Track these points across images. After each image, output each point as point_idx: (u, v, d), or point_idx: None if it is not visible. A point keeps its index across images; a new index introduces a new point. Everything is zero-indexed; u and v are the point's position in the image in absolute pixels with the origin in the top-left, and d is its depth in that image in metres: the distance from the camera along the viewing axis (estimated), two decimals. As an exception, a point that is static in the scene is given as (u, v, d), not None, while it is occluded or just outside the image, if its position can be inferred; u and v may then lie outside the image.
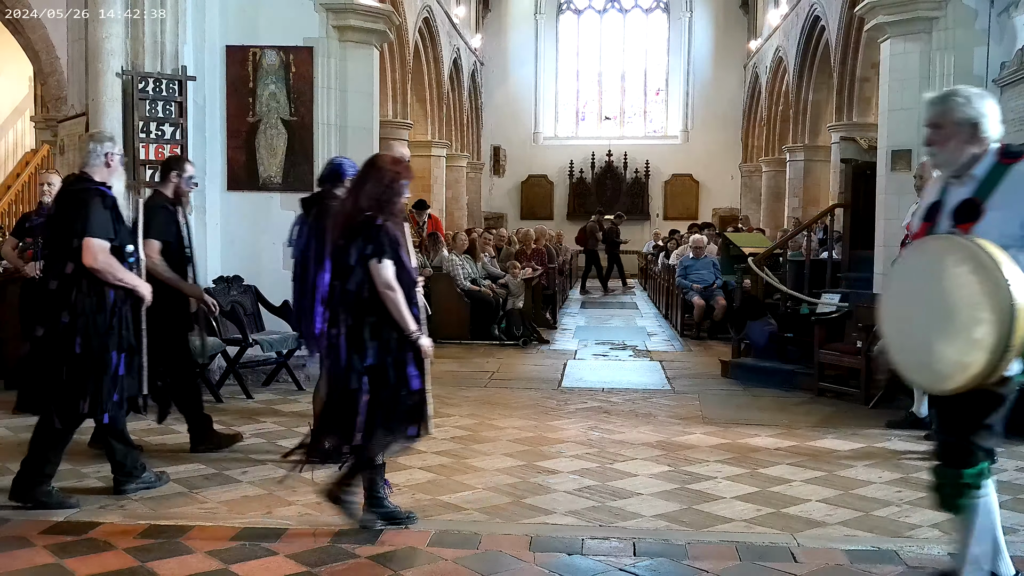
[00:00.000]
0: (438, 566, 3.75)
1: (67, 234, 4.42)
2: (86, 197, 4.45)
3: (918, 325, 3.17)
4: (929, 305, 3.13)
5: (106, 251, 4.42)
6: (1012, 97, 7.47)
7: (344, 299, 4.07)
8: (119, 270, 4.48)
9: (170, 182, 5.66)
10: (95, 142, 4.67)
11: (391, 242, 4.03)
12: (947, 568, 3.52)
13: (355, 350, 4.02)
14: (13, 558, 3.77)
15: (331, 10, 8.32)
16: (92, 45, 7.17)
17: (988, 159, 3.20)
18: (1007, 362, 2.96)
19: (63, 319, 4.38)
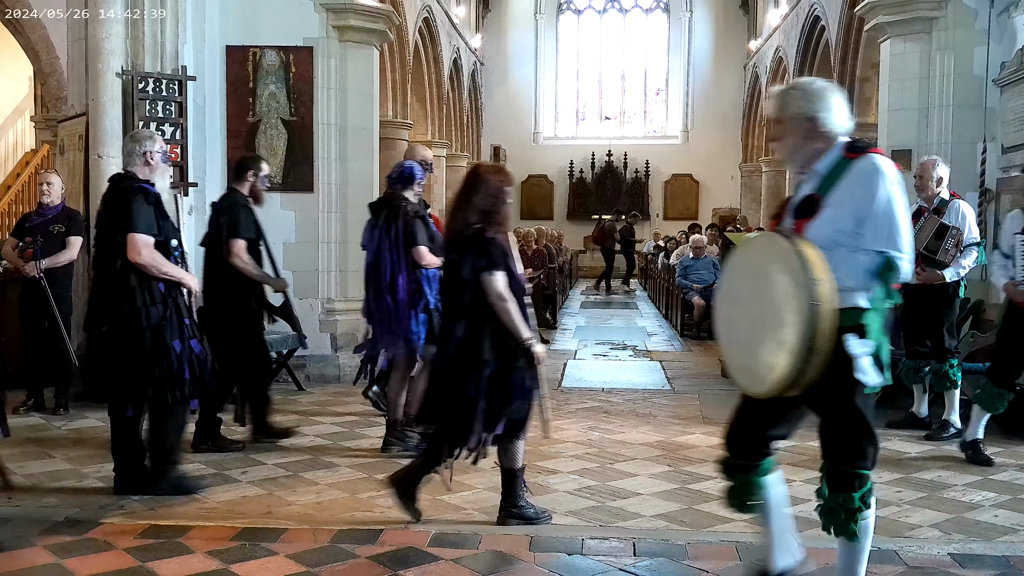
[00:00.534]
0: (438, 566, 3.75)
1: (114, 231, 4.58)
2: (129, 195, 4.61)
3: (743, 324, 3.09)
4: (751, 304, 3.04)
5: (150, 246, 4.55)
6: (1012, 97, 7.47)
7: (460, 310, 4.15)
8: (163, 264, 4.61)
9: (246, 181, 5.83)
10: (133, 142, 4.83)
11: (502, 254, 4.14)
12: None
13: (473, 359, 4.09)
14: (13, 558, 3.77)
15: (331, 10, 8.32)
16: (92, 45, 7.17)
17: (833, 154, 3.08)
18: (813, 365, 2.82)
19: (123, 312, 4.55)
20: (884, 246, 2.94)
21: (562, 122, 27.80)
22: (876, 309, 2.94)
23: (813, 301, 2.76)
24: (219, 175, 8.06)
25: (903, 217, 2.97)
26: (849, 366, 2.89)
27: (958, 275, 6.13)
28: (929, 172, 6.23)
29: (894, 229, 2.94)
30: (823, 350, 2.80)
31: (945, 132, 7.87)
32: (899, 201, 2.97)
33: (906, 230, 2.97)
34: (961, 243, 6.06)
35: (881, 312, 2.96)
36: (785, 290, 2.84)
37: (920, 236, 6.14)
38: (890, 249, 2.93)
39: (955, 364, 6.19)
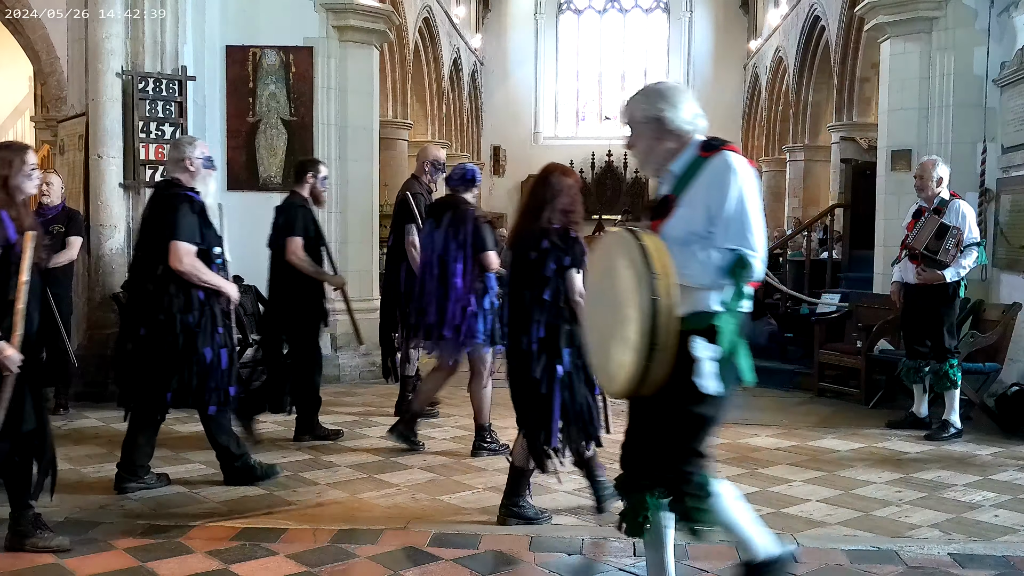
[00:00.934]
0: (438, 566, 3.75)
1: (157, 238, 4.64)
2: (175, 203, 4.66)
3: (598, 323, 3.02)
4: (604, 302, 2.96)
5: (191, 254, 4.60)
6: (1012, 97, 7.47)
7: (537, 308, 4.19)
8: (204, 272, 4.66)
9: (306, 183, 5.96)
10: (174, 149, 4.89)
11: (582, 252, 4.22)
12: None
13: (551, 356, 4.14)
14: (13, 558, 3.77)
15: (331, 10, 8.32)
16: (92, 45, 7.17)
17: (687, 154, 3.00)
18: (659, 363, 2.72)
19: (160, 317, 4.61)
20: (735, 243, 2.83)
21: (562, 122, 27.78)
22: (730, 311, 2.85)
23: (653, 295, 2.67)
24: (219, 175, 8.05)
25: (756, 215, 2.88)
26: (692, 369, 2.79)
27: (958, 275, 6.13)
28: (929, 172, 6.23)
29: (746, 226, 2.84)
30: (666, 346, 2.71)
31: (945, 132, 7.86)
32: (752, 198, 2.89)
33: (759, 228, 2.87)
34: (961, 243, 6.07)
35: (735, 315, 2.86)
36: (628, 285, 2.76)
37: (920, 236, 6.15)
38: (742, 246, 2.83)
39: (955, 364, 6.18)
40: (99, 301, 7.20)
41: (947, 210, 6.15)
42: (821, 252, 11.23)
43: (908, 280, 6.34)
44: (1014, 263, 7.30)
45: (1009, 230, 7.40)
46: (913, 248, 6.19)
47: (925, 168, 6.29)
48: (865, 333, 7.41)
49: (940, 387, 6.24)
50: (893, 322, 7.16)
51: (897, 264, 6.56)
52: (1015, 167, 7.39)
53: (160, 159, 7.33)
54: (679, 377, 2.79)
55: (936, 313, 6.19)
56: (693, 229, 2.87)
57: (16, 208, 3.84)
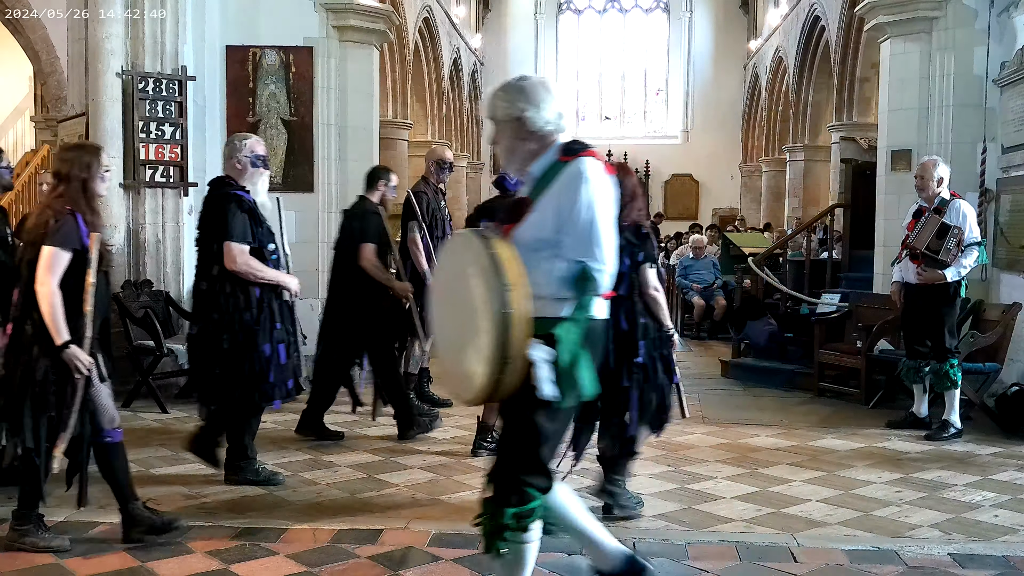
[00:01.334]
0: (438, 566, 3.75)
1: (211, 238, 4.73)
2: (224, 203, 4.73)
3: (450, 328, 2.96)
4: (455, 307, 2.88)
5: (245, 253, 4.66)
6: (1012, 97, 7.47)
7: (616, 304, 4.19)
8: (260, 269, 4.70)
9: (377, 190, 6.16)
10: (227, 145, 5.00)
11: (654, 247, 4.42)
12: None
13: (627, 350, 4.19)
14: (13, 558, 3.77)
15: (331, 10, 8.32)
16: (92, 45, 7.17)
17: (548, 156, 2.89)
18: (511, 374, 2.67)
19: (213, 317, 4.70)
20: (581, 255, 2.75)
21: (562, 122, 27.77)
22: (575, 320, 2.76)
23: (504, 308, 2.62)
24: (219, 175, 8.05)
25: (605, 226, 2.78)
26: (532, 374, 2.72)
27: (959, 275, 6.12)
28: (929, 172, 6.23)
29: (593, 238, 2.75)
30: (517, 359, 2.66)
31: (945, 132, 7.86)
32: (601, 209, 2.78)
33: (607, 241, 2.78)
34: (963, 243, 6.06)
35: (580, 324, 2.76)
36: (480, 295, 2.69)
37: (922, 236, 6.14)
38: (587, 259, 2.74)
39: (955, 364, 6.18)
40: (99, 301, 7.19)
41: (948, 210, 6.14)
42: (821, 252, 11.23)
43: (909, 280, 6.32)
44: (1014, 263, 7.30)
45: (1009, 230, 7.40)
46: (914, 248, 6.18)
47: (926, 168, 6.29)
48: (865, 333, 7.41)
49: (940, 387, 6.23)
50: (893, 322, 7.15)
51: (897, 264, 6.56)
52: (1015, 167, 7.39)
53: (160, 159, 7.34)
54: (524, 382, 2.73)
55: (937, 313, 6.18)
56: (542, 236, 2.78)
57: (92, 212, 3.85)
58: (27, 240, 3.88)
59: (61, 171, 3.87)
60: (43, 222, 3.78)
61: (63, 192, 3.82)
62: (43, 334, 3.72)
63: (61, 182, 3.85)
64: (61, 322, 3.70)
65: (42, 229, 3.76)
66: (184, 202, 7.50)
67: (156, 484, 4.89)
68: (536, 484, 2.86)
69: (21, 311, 3.81)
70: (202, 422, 5.03)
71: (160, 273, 7.40)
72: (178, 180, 7.44)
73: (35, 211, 3.97)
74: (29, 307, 3.76)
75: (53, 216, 3.76)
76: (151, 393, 6.79)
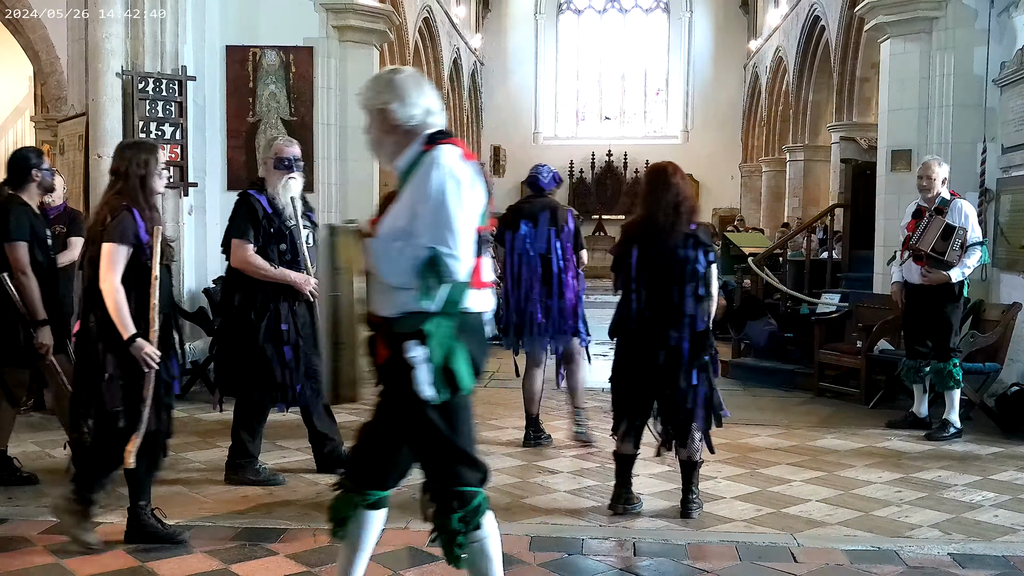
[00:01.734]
0: (438, 566, 3.75)
1: (226, 236, 4.87)
2: (237, 202, 4.88)
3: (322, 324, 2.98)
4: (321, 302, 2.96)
5: (243, 248, 4.73)
6: (1012, 97, 7.47)
7: (692, 302, 4.33)
8: (263, 267, 4.75)
9: None
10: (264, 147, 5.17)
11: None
12: None
13: (698, 349, 4.32)
14: (13, 558, 3.77)
15: (331, 10, 8.32)
16: (92, 45, 7.17)
17: (413, 148, 2.83)
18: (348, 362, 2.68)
19: (231, 312, 4.84)
20: (432, 241, 2.67)
21: (562, 122, 27.79)
22: (446, 315, 2.71)
23: (332, 291, 2.66)
24: (219, 175, 8.06)
25: (458, 213, 2.70)
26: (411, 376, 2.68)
27: (963, 275, 6.12)
28: (934, 172, 6.21)
29: (444, 224, 2.68)
30: (351, 344, 2.66)
31: (945, 132, 7.86)
32: (454, 196, 2.69)
33: (461, 228, 2.69)
34: (966, 243, 6.06)
35: (452, 318, 2.72)
36: (322, 281, 2.78)
37: (926, 237, 6.10)
38: (438, 245, 2.66)
39: (957, 363, 6.17)
40: (99, 301, 7.19)
41: (949, 210, 6.14)
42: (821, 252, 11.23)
43: (912, 281, 6.31)
44: (1014, 263, 7.30)
45: (1009, 230, 7.40)
46: (919, 249, 6.15)
47: (930, 167, 6.26)
48: (865, 333, 7.41)
49: (942, 386, 6.23)
50: (893, 322, 7.15)
51: (895, 264, 6.56)
52: (1015, 167, 7.39)
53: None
54: (403, 384, 2.69)
55: (941, 313, 6.17)
56: (399, 224, 2.73)
57: (150, 207, 3.89)
58: (87, 237, 3.93)
59: (120, 168, 3.89)
60: (101, 219, 3.82)
61: (121, 189, 3.86)
62: (108, 329, 3.75)
63: (119, 179, 3.89)
64: (127, 316, 3.73)
65: (100, 226, 3.80)
66: (184, 202, 7.50)
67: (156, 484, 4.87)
68: (468, 480, 2.84)
69: (85, 307, 3.87)
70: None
71: (160, 273, 7.39)
72: (178, 180, 7.44)
73: (94, 209, 4.02)
74: (93, 303, 3.81)
75: (110, 213, 3.80)
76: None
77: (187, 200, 7.51)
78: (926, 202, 6.28)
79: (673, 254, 4.33)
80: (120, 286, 3.74)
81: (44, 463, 5.35)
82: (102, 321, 3.77)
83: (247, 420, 4.92)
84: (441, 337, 2.69)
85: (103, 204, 3.89)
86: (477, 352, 2.79)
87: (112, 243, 3.75)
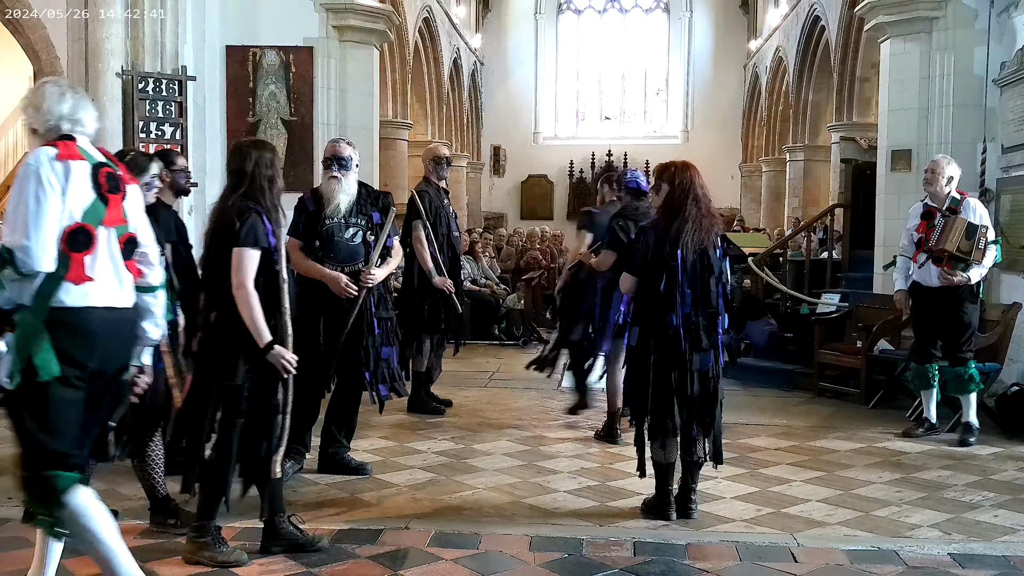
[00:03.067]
0: (438, 566, 3.75)
1: None
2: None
3: None
4: None
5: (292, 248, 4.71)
6: (1012, 97, 7.47)
7: (724, 302, 4.41)
8: (301, 264, 4.83)
9: None
10: None
11: None
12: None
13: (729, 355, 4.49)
14: (13, 558, 3.77)
15: (331, 10, 8.33)
16: (92, 45, 7.17)
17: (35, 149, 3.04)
18: None
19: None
20: (10, 234, 2.88)
21: (562, 122, 27.77)
22: (36, 307, 2.90)
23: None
24: (219, 175, 8.05)
25: (33, 208, 2.89)
26: None
27: (981, 275, 6.02)
28: (940, 171, 6.06)
29: (19, 218, 2.89)
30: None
31: (945, 132, 7.86)
32: (31, 192, 2.90)
33: (35, 222, 2.87)
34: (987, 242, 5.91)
35: (38, 310, 2.90)
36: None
37: (948, 237, 5.91)
38: (11, 237, 2.87)
39: (973, 365, 6.02)
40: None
41: (962, 209, 5.97)
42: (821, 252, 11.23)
43: (928, 283, 6.06)
44: (1014, 263, 7.29)
45: (1009, 230, 7.40)
46: (942, 251, 5.92)
47: (938, 163, 6.09)
48: (865, 333, 7.41)
49: (961, 390, 6.04)
50: (893, 322, 7.15)
51: (897, 271, 6.40)
52: (1015, 167, 7.39)
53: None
54: None
55: (960, 314, 5.99)
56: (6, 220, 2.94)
57: (276, 209, 3.79)
58: (209, 241, 3.76)
59: (244, 168, 3.75)
60: (227, 222, 3.67)
61: (247, 190, 3.73)
62: (240, 337, 3.62)
63: (243, 179, 3.74)
64: (262, 323, 3.62)
65: (229, 230, 3.65)
66: (184, 202, 7.49)
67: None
68: (40, 465, 2.99)
69: (208, 313, 3.71)
70: None
71: (160, 273, 7.39)
72: (178, 180, 7.43)
73: (214, 210, 3.81)
74: (223, 309, 3.65)
75: (237, 216, 3.66)
76: None
77: (187, 200, 7.50)
78: (935, 202, 6.10)
79: (712, 256, 4.36)
80: (255, 292, 3.61)
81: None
82: (234, 328, 3.62)
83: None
84: (24, 328, 2.88)
85: (229, 206, 3.72)
86: (73, 345, 2.94)
87: (245, 248, 3.61)
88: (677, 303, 4.31)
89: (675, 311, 4.31)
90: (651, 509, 4.45)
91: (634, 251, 4.54)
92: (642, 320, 4.42)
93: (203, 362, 3.72)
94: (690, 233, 4.32)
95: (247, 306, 3.60)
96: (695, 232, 4.33)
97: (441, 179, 6.93)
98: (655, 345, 4.36)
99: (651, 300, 4.36)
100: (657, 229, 4.42)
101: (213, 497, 3.74)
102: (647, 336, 4.38)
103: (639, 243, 4.51)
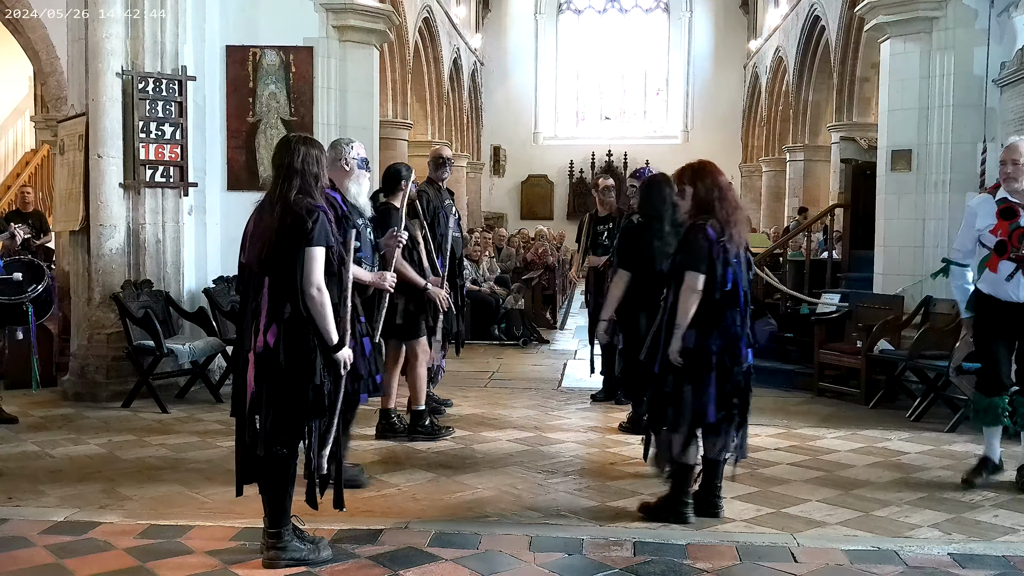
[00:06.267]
0: (438, 566, 3.75)
1: None
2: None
3: None
4: None
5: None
6: (1012, 97, 7.46)
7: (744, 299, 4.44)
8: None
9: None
10: (330, 150, 4.71)
11: None
12: None
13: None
14: (13, 558, 3.77)
15: (331, 10, 8.32)
16: (92, 45, 7.17)
17: None
18: None
19: None
20: None
21: (562, 122, 27.80)
22: None
23: None
24: (219, 175, 8.06)
25: None
26: None
27: None
28: (1018, 155, 4.90)
29: None
30: None
31: (945, 132, 7.86)
32: None
33: None
34: None
35: None
36: None
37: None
38: None
39: None
40: (99, 301, 7.19)
41: None
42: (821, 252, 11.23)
43: (1013, 299, 4.84)
44: (1014, 263, 7.27)
45: (1009, 230, 7.37)
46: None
47: (1016, 151, 4.89)
48: (865, 333, 7.41)
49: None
50: (893, 322, 7.15)
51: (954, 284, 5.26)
52: (1015, 167, 7.37)
53: (160, 159, 7.34)
54: None
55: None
56: None
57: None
58: (266, 239, 3.63)
59: (294, 164, 3.68)
60: (293, 220, 3.59)
61: (301, 187, 3.66)
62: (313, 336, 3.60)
63: (294, 175, 3.66)
64: (332, 323, 3.61)
65: (298, 229, 3.57)
66: (184, 202, 7.50)
67: (156, 484, 4.90)
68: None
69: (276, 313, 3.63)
70: None
71: (160, 273, 7.39)
72: (178, 180, 7.44)
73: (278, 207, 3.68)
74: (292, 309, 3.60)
75: (307, 213, 3.60)
76: (151, 393, 6.78)
77: (187, 200, 7.51)
78: (1016, 196, 4.91)
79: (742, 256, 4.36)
80: (327, 291, 3.59)
81: (44, 463, 5.34)
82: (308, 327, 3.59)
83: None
84: None
85: (291, 203, 3.62)
86: None
87: (316, 247, 3.57)
88: (741, 301, 4.33)
89: (738, 309, 4.34)
90: (661, 513, 4.35)
91: (696, 251, 4.23)
92: (700, 322, 4.28)
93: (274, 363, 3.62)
94: (739, 227, 4.33)
95: (319, 305, 3.59)
96: (741, 227, 4.35)
97: (441, 179, 6.96)
98: (721, 347, 4.35)
99: (708, 300, 4.26)
100: (711, 227, 4.24)
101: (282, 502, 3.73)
102: (706, 337, 4.30)
103: (696, 243, 4.24)
